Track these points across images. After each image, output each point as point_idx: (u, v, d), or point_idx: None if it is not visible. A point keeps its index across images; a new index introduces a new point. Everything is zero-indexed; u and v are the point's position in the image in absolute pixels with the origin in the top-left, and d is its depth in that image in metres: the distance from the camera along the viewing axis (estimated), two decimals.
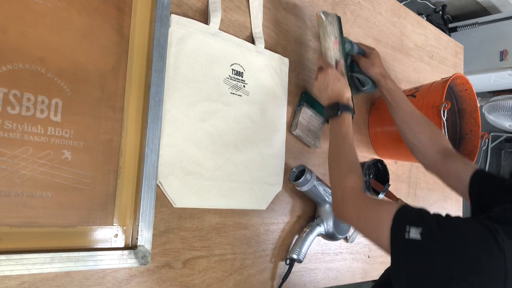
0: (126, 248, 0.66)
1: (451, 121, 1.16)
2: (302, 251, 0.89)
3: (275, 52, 0.92)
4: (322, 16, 0.88)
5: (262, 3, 0.91)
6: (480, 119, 1.11)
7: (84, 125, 0.63)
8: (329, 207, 0.95)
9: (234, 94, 0.84)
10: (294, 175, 0.92)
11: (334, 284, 1.03)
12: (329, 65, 0.88)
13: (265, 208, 0.89)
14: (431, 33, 1.47)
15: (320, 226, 0.93)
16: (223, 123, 0.81)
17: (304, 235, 0.91)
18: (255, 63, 0.88)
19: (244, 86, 0.86)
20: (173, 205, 0.74)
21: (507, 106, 2.45)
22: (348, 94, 0.85)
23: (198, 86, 0.78)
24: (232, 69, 0.84)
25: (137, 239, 0.65)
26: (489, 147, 3.59)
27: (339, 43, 0.91)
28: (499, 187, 0.66)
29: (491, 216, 0.56)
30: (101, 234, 0.64)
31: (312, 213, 0.98)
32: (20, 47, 0.58)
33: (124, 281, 0.68)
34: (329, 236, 0.96)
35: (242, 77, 0.86)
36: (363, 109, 1.16)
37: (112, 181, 0.65)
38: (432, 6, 3.12)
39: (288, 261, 0.90)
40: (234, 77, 0.84)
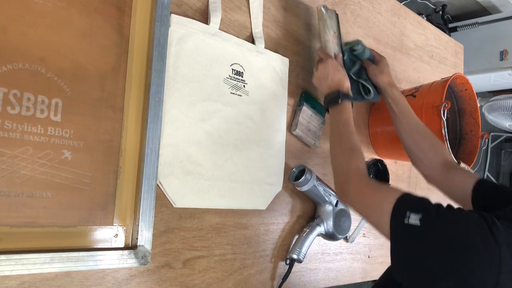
0: (126, 248, 0.66)
1: (451, 121, 1.16)
2: (302, 251, 0.89)
3: (275, 52, 0.92)
4: (323, 10, 0.92)
5: (262, 3, 0.91)
6: (480, 119, 1.11)
7: (84, 125, 0.63)
8: (329, 207, 0.95)
9: (234, 94, 0.84)
10: (294, 175, 0.92)
11: (334, 284, 1.03)
12: (329, 56, 0.90)
13: (265, 208, 0.89)
14: (431, 33, 1.47)
15: (320, 226, 0.93)
16: (223, 123, 0.81)
17: (304, 235, 0.91)
18: (255, 63, 0.88)
19: (244, 86, 0.86)
20: (173, 205, 0.74)
21: (507, 105, 2.46)
22: (347, 84, 0.87)
23: (198, 86, 0.78)
24: (232, 69, 0.84)
25: (137, 239, 0.65)
26: (489, 147, 3.59)
27: (337, 38, 0.94)
28: (502, 195, 0.67)
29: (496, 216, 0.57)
30: (101, 234, 0.64)
31: (312, 213, 0.98)
32: (20, 47, 0.58)
33: (124, 281, 0.68)
34: (329, 236, 0.96)
35: (242, 77, 0.86)
36: (363, 109, 1.16)
37: (112, 181, 0.65)
38: (432, 6, 3.12)
39: (288, 261, 0.90)
40: (234, 77, 0.84)
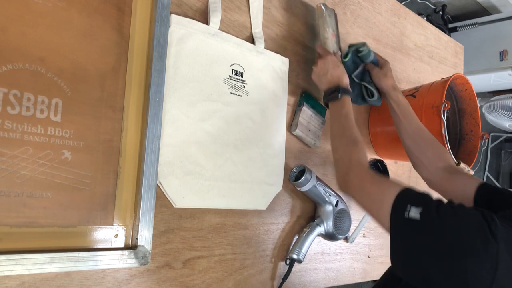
0: (126, 248, 0.66)
1: (451, 121, 1.16)
2: (302, 251, 0.89)
3: (275, 52, 0.92)
4: (322, 8, 0.95)
5: (262, 3, 0.91)
6: (480, 119, 1.11)
7: (84, 125, 0.63)
8: (329, 207, 0.95)
9: (234, 94, 0.84)
10: (294, 175, 0.92)
11: (334, 284, 1.03)
12: (328, 52, 0.92)
13: (265, 208, 0.89)
14: (431, 33, 1.47)
15: (320, 226, 0.93)
16: (223, 123, 0.81)
17: (304, 235, 0.91)
18: (255, 63, 0.88)
19: (244, 86, 0.86)
20: (173, 205, 0.74)
21: (507, 105, 2.46)
22: (346, 80, 0.88)
23: (198, 86, 0.78)
24: (232, 69, 0.84)
25: (137, 239, 0.65)
26: (489, 147, 3.59)
27: (336, 37, 0.96)
28: (504, 199, 0.68)
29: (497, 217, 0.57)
30: (101, 234, 0.64)
31: (312, 213, 0.98)
32: (20, 47, 0.58)
33: (124, 281, 0.68)
34: (329, 236, 0.96)
35: (242, 77, 0.86)
36: (363, 109, 1.16)
37: (112, 181, 0.65)
38: (432, 6, 3.12)
39: (288, 261, 0.90)
40: (234, 77, 0.84)
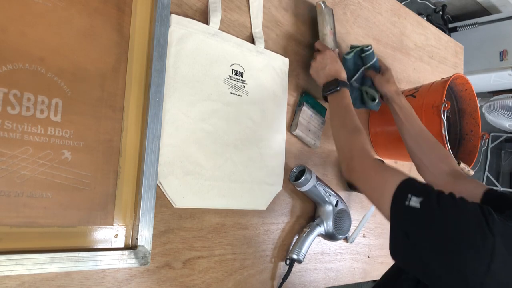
0: (126, 248, 0.66)
1: (451, 121, 1.16)
2: (302, 251, 0.89)
3: (275, 52, 0.92)
4: (322, 5, 0.98)
5: (262, 3, 0.91)
6: (480, 119, 1.11)
7: (84, 125, 0.63)
8: (329, 207, 0.95)
9: (234, 94, 0.84)
10: (294, 175, 0.92)
11: (334, 284, 1.03)
12: (327, 48, 0.94)
13: (265, 208, 0.88)
14: (431, 33, 1.47)
15: (320, 226, 0.93)
16: (223, 123, 0.81)
17: (304, 235, 0.91)
18: (255, 63, 0.88)
19: (244, 86, 0.86)
20: (173, 205, 0.74)
21: (507, 105, 2.46)
22: (344, 74, 0.89)
23: (198, 86, 0.78)
24: (232, 69, 0.84)
25: (137, 239, 0.65)
26: (489, 147, 3.59)
27: (333, 35, 0.99)
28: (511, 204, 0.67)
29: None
30: (101, 234, 0.64)
31: (312, 213, 0.98)
32: (20, 47, 0.58)
33: (124, 281, 0.68)
34: (329, 236, 0.96)
35: (242, 77, 0.86)
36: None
37: (112, 181, 0.65)
38: (432, 6, 3.12)
39: (288, 261, 0.90)
40: (234, 77, 0.84)
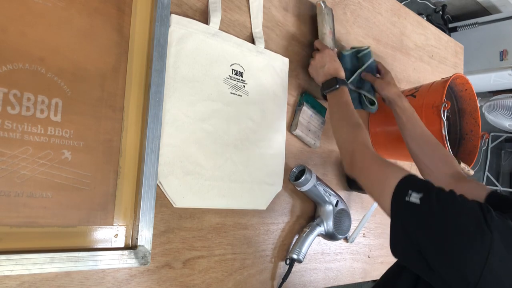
0: (126, 248, 0.66)
1: (451, 121, 1.16)
2: (302, 251, 0.89)
3: (275, 52, 0.92)
4: (322, 5, 0.99)
5: (262, 3, 0.91)
6: (480, 119, 1.11)
7: (84, 125, 0.63)
8: (329, 207, 0.95)
9: (234, 94, 0.84)
10: (294, 175, 0.93)
11: (334, 284, 1.03)
12: (326, 47, 0.95)
13: (265, 208, 0.88)
14: (431, 33, 1.47)
15: (320, 226, 0.93)
16: (223, 123, 0.81)
17: (304, 235, 0.91)
18: (255, 63, 0.88)
19: (244, 86, 0.86)
20: (173, 205, 0.74)
21: (507, 105, 2.46)
22: (343, 74, 0.91)
23: (198, 86, 0.78)
24: (232, 69, 0.84)
25: (137, 239, 0.65)
26: (489, 147, 3.59)
27: (332, 34, 1.00)
28: None
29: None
30: (101, 234, 0.64)
31: (312, 213, 0.98)
32: (20, 47, 0.58)
33: (124, 281, 0.68)
34: (329, 236, 0.96)
35: (242, 77, 0.86)
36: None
37: (112, 181, 0.65)
38: (432, 6, 3.12)
39: (288, 261, 0.90)
40: (234, 77, 0.84)
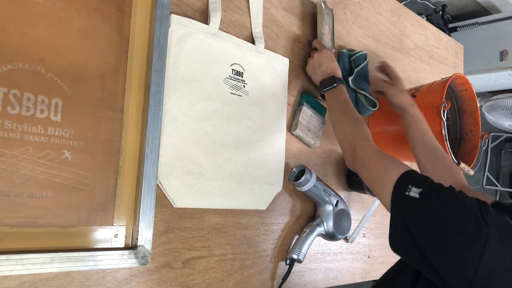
0: (126, 248, 0.66)
1: (451, 121, 1.16)
2: (302, 251, 0.89)
3: (275, 52, 0.92)
4: (322, 5, 1.00)
5: (262, 3, 0.91)
6: (480, 119, 1.11)
7: (84, 125, 0.63)
8: (329, 207, 0.95)
9: (234, 94, 0.84)
10: (294, 175, 0.92)
11: (334, 284, 1.03)
12: (324, 47, 0.96)
13: (265, 208, 0.89)
14: (431, 33, 1.47)
15: (320, 226, 0.93)
16: (223, 123, 0.81)
17: (304, 235, 0.91)
18: (255, 63, 0.88)
19: (244, 86, 0.86)
20: (173, 205, 0.74)
21: (507, 105, 2.46)
22: (340, 73, 0.91)
23: (198, 86, 0.78)
24: (232, 69, 0.84)
25: (137, 239, 0.65)
26: (489, 147, 3.59)
27: (331, 35, 1.01)
28: None
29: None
30: (101, 234, 0.64)
31: (312, 213, 0.98)
32: (20, 47, 0.58)
33: (124, 281, 0.68)
34: (329, 236, 0.96)
35: (242, 77, 0.86)
36: None
37: (112, 181, 0.65)
38: (432, 6, 3.12)
39: (288, 261, 0.90)
40: (234, 77, 0.84)
